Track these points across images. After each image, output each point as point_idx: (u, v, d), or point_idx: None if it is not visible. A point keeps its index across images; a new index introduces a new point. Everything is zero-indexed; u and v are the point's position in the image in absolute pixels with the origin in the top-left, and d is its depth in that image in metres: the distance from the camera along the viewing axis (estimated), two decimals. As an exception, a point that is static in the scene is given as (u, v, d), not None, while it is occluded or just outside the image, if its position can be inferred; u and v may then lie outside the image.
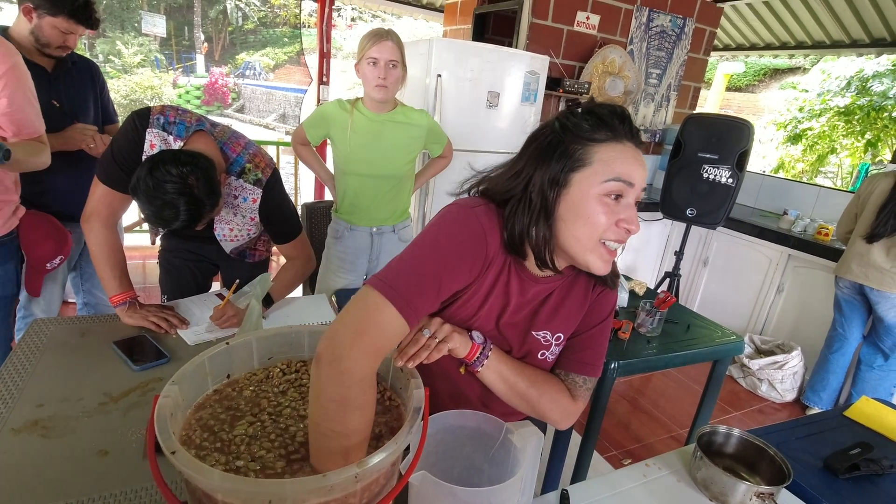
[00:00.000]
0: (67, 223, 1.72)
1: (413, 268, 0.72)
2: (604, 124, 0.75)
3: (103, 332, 1.29)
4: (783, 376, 2.83)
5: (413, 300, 0.69)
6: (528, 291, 0.86)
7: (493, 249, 0.80)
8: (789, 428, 1.23)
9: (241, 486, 0.48)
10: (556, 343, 0.91)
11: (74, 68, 1.78)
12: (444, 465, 0.76)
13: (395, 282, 0.69)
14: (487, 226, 0.78)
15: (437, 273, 0.73)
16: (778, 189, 3.75)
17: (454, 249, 0.75)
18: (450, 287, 0.76)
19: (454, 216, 0.78)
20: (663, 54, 3.80)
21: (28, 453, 0.87)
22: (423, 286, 0.71)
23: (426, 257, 0.74)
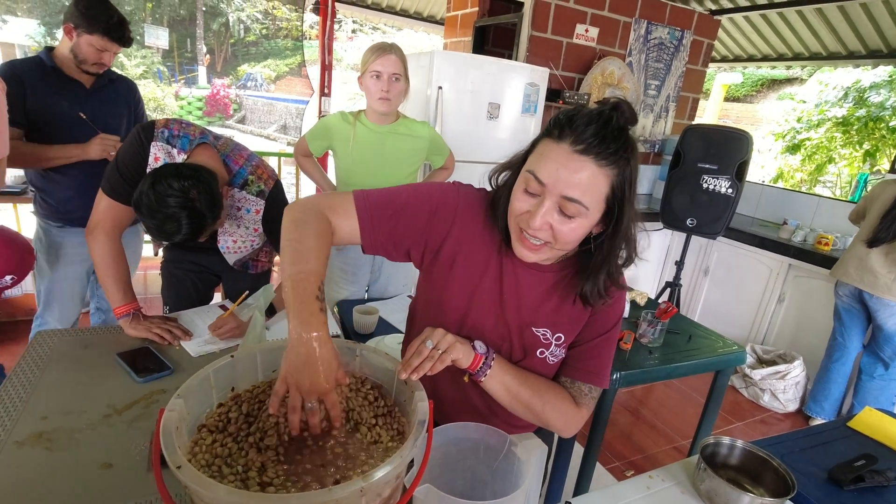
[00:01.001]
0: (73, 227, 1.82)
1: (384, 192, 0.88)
2: (557, 123, 0.75)
3: (107, 343, 1.29)
4: (785, 386, 2.82)
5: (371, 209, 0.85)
6: (523, 277, 0.89)
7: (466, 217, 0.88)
8: (793, 439, 1.22)
9: (248, 500, 0.48)
10: (557, 343, 0.91)
11: (111, 86, 1.86)
12: (447, 478, 0.76)
13: (367, 193, 0.86)
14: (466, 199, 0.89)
15: (400, 202, 0.86)
16: (777, 199, 3.76)
17: (423, 196, 0.88)
18: (405, 223, 0.86)
19: (440, 182, 0.92)
20: (662, 66, 3.84)
21: (32, 466, 0.87)
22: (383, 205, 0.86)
23: (399, 191, 0.88)
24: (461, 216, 0.88)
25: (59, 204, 1.82)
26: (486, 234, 0.88)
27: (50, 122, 1.72)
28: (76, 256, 1.87)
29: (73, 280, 1.90)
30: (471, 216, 0.88)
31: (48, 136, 1.72)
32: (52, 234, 1.86)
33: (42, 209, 1.85)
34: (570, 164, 0.72)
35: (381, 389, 0.76)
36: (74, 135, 1.73)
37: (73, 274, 1.90)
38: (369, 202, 0.85)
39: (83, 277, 1.93)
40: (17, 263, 1.54)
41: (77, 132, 1.73)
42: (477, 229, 0.88)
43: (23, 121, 1.68)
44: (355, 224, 0.84)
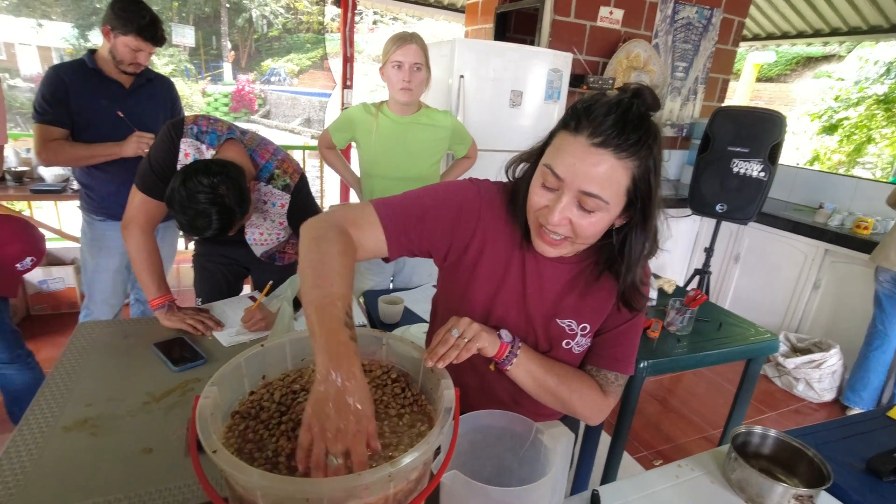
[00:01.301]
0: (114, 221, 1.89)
1: (405, 198, 0.85)
2: (574, 114, 0.72)
3: (144, 334, 1.34)
4: (821, 375, 2.74)
5: (394, 217, 0.81)
6: (545, 270, 0.88)
7: (488, 216, 0.86)
8: (829, 429, 1.19)
9: (280, 484, 0.50)
10: (583, 333, 0.90)
11: (149, 84, 1.93)
12: (474, 465, 0.77)
13: (388, 202, 0.83)
14: (487, 196, 0.87)
15: (423, 207, 0.84)
16: (813, 182, 3.62)
17: (444, 197, 0.86)
18: (430, 228, 0.84)
19: (459, 181, 0.89)
20: (690, 47, 3.72)
21: (79, 451, 0.91)
22: (407, 212, 0.83)
23: (419, 195, 0.86)
24: (484, 215, 0.86)
25: (101, 199, 1.92)
26: (508, 229, 0.87)
27: (92, 121, 1.81)
28: (117, 249, 1.96)
29: (113, 272, 1.99)
30: (493, 214, 0.87)
31: (91, 135, 1.82)
32: (96, 227, 1.96)
33: (86, 204, 1.95)
34: (587, 158, 0.70)
35: (407, 378, 0.77)
36: (115, 133, 1.82)
37: (114, 266, 1.99)
38: (392, 211, 0.82)
39: (123, 270, 2.02)
40: (34, 245, 1.63)
41: (117, 131, 1.82)
42: (500, 226, 0.87)
43: (67, 121, 1.78)
44: (379, 236, 0.81)
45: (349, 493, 0.51)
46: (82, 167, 1.88)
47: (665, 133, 3.91)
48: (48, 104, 1.75)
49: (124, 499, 0.82)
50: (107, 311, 2.03)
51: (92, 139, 1.83)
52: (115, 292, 2.03)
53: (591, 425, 1.19)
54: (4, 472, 0.85)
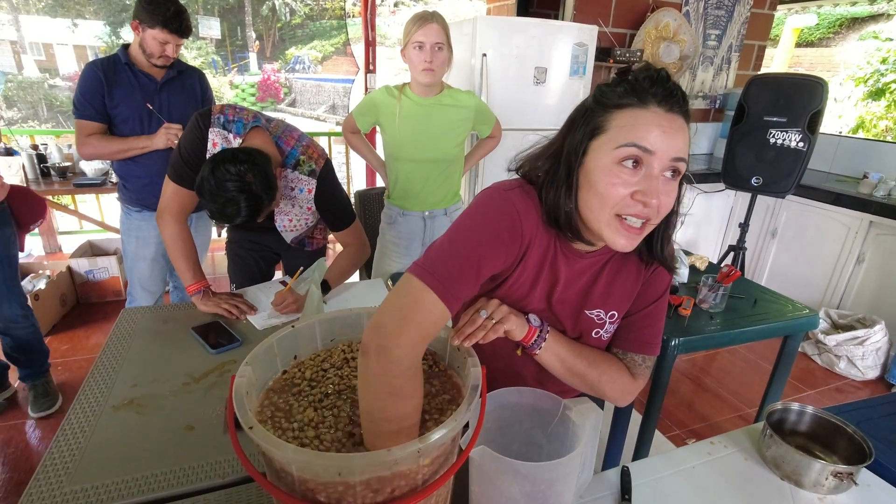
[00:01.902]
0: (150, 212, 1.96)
1: (451, 252, 0.73)
2: (633, 90, 0.70)
3: (182, 319, 1.40)
4: (864, 352, 2.64)
5: (453, 285, 0.70)
6: (574, 267, 0.85)
7: (529, 230, 0.79)
8: (871, 406, 1.15)
9: (313, 458, 0.52)
10: (611, 321, 0.90)
11: (180, 77, 1.97)
12: (502, 441, 0.78)
13: (435, 267, 0.70)
14: (522, 207, 0.77)
15: (474, 256, 0.73)
16: (857, 150, 3.44)
17: (490, 232, 0.75)
18: (489, 269, 0.76)
19: (488, 200, 0.78)
20: (723, 13, 3.56)
21: (127, 428, 0.97)
22: (462, 270, 0.71)
23: (464, 241, 0.74)
24: (526, 231, 0.79)
25: (136, 190, 1.98)
26: (542, 233, 0.82)
27: (127, 115, 1.87)
28: (152, 239, 2.03)
29: (150, 260, 2.06)
30: (531, 225, 0.79)
31: (127, 128, 1.89)
32: (132, 217, 2.02)
33: (123, 195, 2.02)
34: (670, 125, 0.69)
35: (434, 356, 0.79)
36: (149, 126, 1.90)
37: (150, 254, 2.05)
38: (445, 279, 0.70)
39: (160, 258, 2.08)
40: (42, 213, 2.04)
41: (151, 124, 1.90)
42: (537, 233, 0.81)
43: (104, 116, 1.85)
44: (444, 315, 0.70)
45: (380, 468, 0.53)
46: (119, 160, 1.94)
47: (696, 105, 3.78)
48: (86, 100, 1.82)
49: (170, 472, 0.86)
50: (147, 297, 2.11)
51: (128, 133, 1.89)
52: (154, 280, 2.10)
53: (619, 406, 1.18)
54: (62, 448, 0.91)
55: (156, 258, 2.08)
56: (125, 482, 0.84)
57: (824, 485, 0.89)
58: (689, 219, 3.40)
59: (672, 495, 0.88)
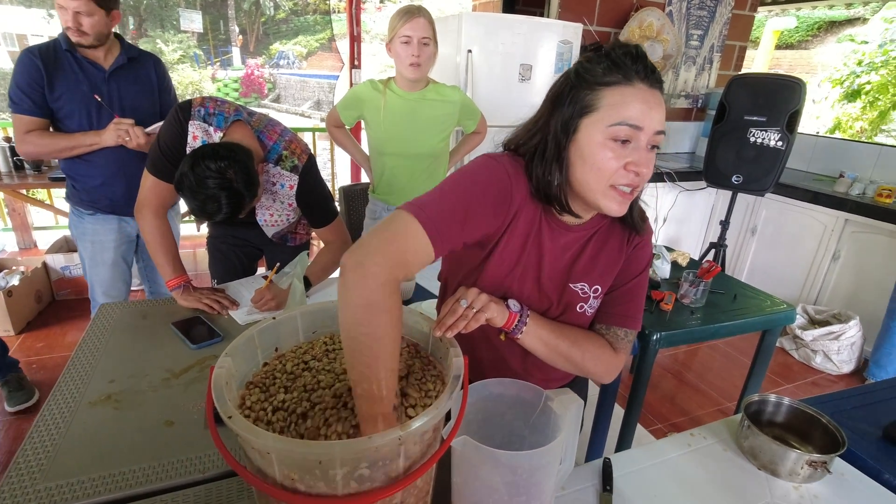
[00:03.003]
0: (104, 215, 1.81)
1: (441, 197, 0.76)
2: (616, 67, 0.74)
3: (162, 314, 1.37)
4: (839, 347, 2.70)
5: (438, 221, 0.73)
6: (560, 240, 0.88)
7: (519, 196, 0.82)
8: (845, 397, 1.18)
9: (293, 447, 0.51)
10: (595, 296, 0.92)
11: (132, 64, 1.75)
12: (485, 433, 0.78)
13: (423, 204, 0.74)
14: (513, 173, 0.82)
15: (463, 202, 0.77)
16: (833, 150, 3.52)
17: (481, 188, 0.79)
18: (476, 221, 0.78)
19: (481, 162, 0.83)
20: (705, 13, 3.61)
21: (103, 424, 0.95)
22: (449, 211, 0.75)
23: (454, 190, 0.78)
24: (515, 194, 0.82)
25: (88, 192, 1.78)
26: (530, 204, 0.85)
27: (71, 109, 1.66)
28: (109, 243, 1.85)
29: (111, 265, 1.88)
30: (521, 192, 0.83)
31: (73, 123, 1.68)
32: (85, 221, 1.83)
33: (73, 196, 1.82)
34: (652, 100, 0.75)
35: (417, 347, 0.78)
36: (98, 121, 1.69)
37: (110, 259, 1.87)
38: (436, 219, 0.73)
39: (120, 262, 1.90)
40: None
41: (101, 117, 1.69)
42: (525, 202, 0.84)
43: (44, 111, 1.64)
44: (426, 248, 0.72)
45: (360, 455, 0.52)
46: (66, 159, 1.73)
47: (679, 104, 3.83)
48: (23, 92, 1.60)
49: (148, 468, 0.85)
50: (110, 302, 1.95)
51: (74, 128, 1.68)
52: (116, 284, 1.91)
53: (604, 383, 1.20)
54: (36, 445, 0.88)
55: (116, 262, 1.89)
56: (101, 478, 0.82)
57: (800, 474, 0.91)
58: (672, 216, 3.44)
59: (652, 486, 0.89)
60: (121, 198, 1.79)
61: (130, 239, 1.92)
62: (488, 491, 0.66)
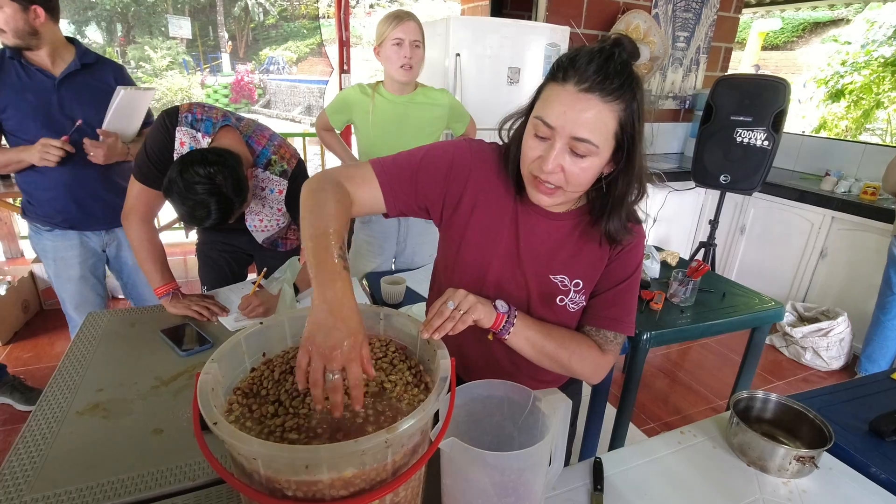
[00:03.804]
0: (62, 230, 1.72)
1: (400, 156, 0.90)
2: (561, 66, 0.76)
3: (151, 321, 1.36)
4: (829, 343, 2.73)
5: (391, 174, 0.87)
6: (537, 225, 0.91)
7: (479, 173, 0.90)
8: (832, 392, 1.19)
9: (278, 451, 0.51)
10: (576, 290, 0.92)
11: (86, 71, 1.63)
12: (474, 434, 0.78)
13: (383, 160, 0.88)
14: (479, 154, 0.91)
15: (416, 160, 0.89)
16: (819, 149, 3.57)
17: (437, 154, 0.90)
18: (425, 182, 0.89)
19: (452, 141, 0.93)
20: (691, 15, 3.65)
21: (91, 433, 0.94)
22: (401, 163, 0.88)
23: (414, 153, 0.90)
24: (476, 170, 0.90)
25: (41, 205, 1.68)
26: (501, 186, 0.90)
27: (19, 120, 1.56)
28: (72, 259, 1.76)
29: (77, 280, 1.79)
30: (485, 170, 0.90)
31: (27, 135, 1.57)
32: (43, 237, 1.74)
33: (28, 210, 1.72)
34: (576, 105, 0.73)
35: (405, 350, 0.78)
36: (51, 131, 1.57)
37: (77, 274, 1.78)
38: (388, 167, 0.87)
39: (88, 277, 1.82)
40: None
41: (53, 128, 1.58)
42: (492, 182, 0.90)
43: None
44: (376, 191, 0.86)
45: (347, 459, 0.52)
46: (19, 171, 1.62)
47: (666, 105, 3.86)
48: None
49: (137, 477, 0.84)
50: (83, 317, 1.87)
51: (31, 139, 1.56)
52: (87, 299, 1.82)
53: (591, 384, 1.21)
54: (21, 455, 0.87)
55: (84, 276, 1.79)
56: (89, 488, 0.82)
57: (788, 469, 0.92)
58: (661, 216, 3.47)
59: (643, 484, 0.90)
60: (76, 213, 1.71)
61: (96, 253, 1.84)
62: (477, 492, 0.67)
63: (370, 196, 0.86)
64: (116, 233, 1.83)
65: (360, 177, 0.86)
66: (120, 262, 1.90)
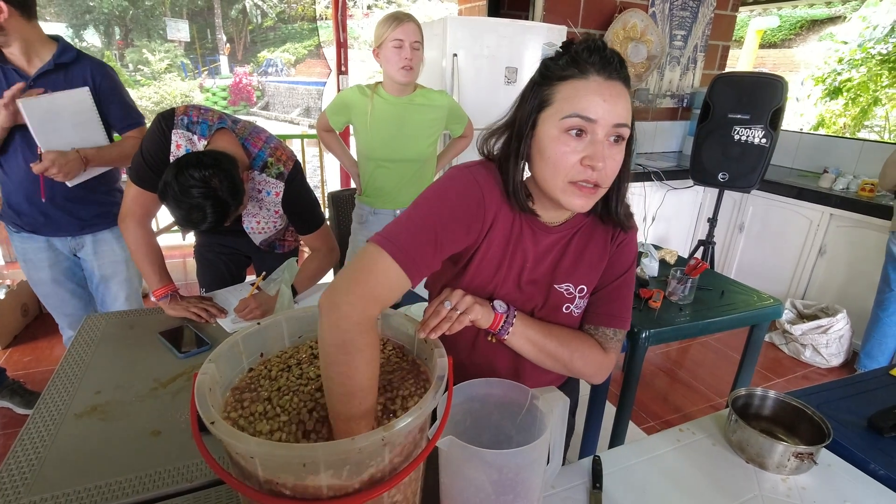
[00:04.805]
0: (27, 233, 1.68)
1: (410, 222, 0.76)
2: (573, 62, 0.74)
3: (149, 323, 1.36)
4: (828, 340, 2.73)
5: (410, 250, 0.73)
6: (541, 243, 0.88)
7: (493, 204, 0.82)
8: (830, 389, 1.19)
9: (275, 450, 0.51)
10: (580, 296, 0.91)
11: (62, 70, 1.55)
12: (473, 433, 0.78)
13: (392, 235, 0.74)
14: (485, 184, 0.81)
15: (433, 226, 0.76)
16: (817, 146, 3.57)
17: (450, 205, 0.79)
18: (449, 241, 0.79)
19: (451, 177, 0.83)
20: (688, 14, 3.65)
21: (90, 435, 0.94)
22: (420, 238, 0.75)
23: (423, 213, 0.78)
24: (489, 206, 0.82)
25: (8, 207, 1.65)
26: (506, 209, 0.85)
27: None
28: (41, 262, 1.72)
29: (49, 283, 1.76)
30: (493, 198, 0.83)
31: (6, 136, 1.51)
32: (14, 239, 1.71)
33: (3, 213, 1.69)
34: (612, 91, 0.73)
35: (402, 349, 0.78)
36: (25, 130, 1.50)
37: (46, 277, 1.75)
38: (406, 248, 0.73)
39: (63, 281, 1.78)
40: None
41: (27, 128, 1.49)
42: (500, 207, 0.84)
43: None
44: (402, 283, 0.73)
45: (344, 457, 0.52)
46: None
47: (665, 104, 3.86)
48: None
49: (135, 479, 0.84)
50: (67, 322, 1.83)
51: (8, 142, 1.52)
52: (65, 303, 1.80)
53: (595, 384, 1.20)
54: (19, 458, 0.87)
55: (57, 279, 1.76)
56: (87, 490, 0.82)
57: (787, 466, 0.92)
58: (660, 215, 3.47)
59: (642, 482, 0.90)
60: (39, 219, 1.65)
61: (68, 258, 1.78)
62: (475, 490, 0.67)
63: (398, 293, 0.74)
64: (85, 239, 1.75)
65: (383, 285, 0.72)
66: (91, 270, 1.81)
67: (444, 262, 0.88)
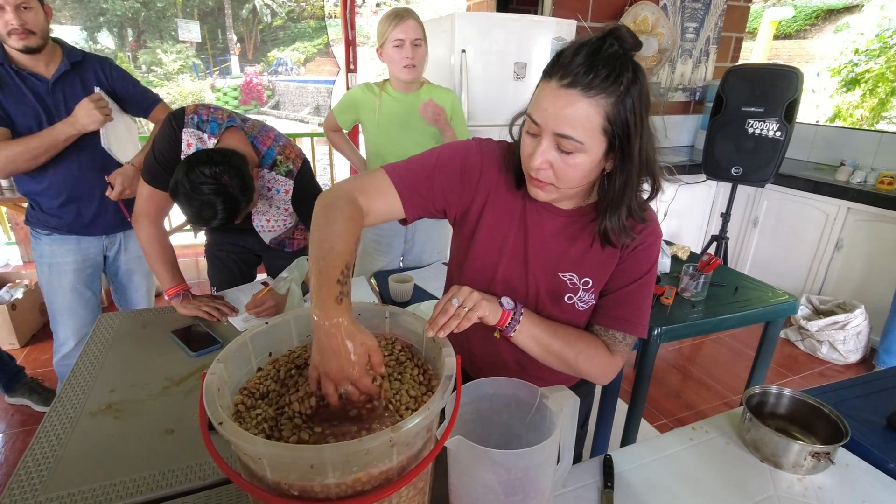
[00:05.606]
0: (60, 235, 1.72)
1: (413, 159, 0.89)
2: (550, 63, 0.75)
3: (162, 322, 1.38)
4: (845, 337, 2.68)
5: (405, 174, 0.86)
6: (545, 222, 0.90)
7: (490, 172, 0.90)
8: (848, 386, 1.17)
9: (283, 451, 0.51)
10: (585, 288, 0.90)
11: (76, 70, 1.60)
12: (482, 433, 0.78)
13: (396, 165, 0.87)
14: (487, 153, 0.90)
15: (431, 166, 0.88)
16: (833, 139, 3.50)
17: (448, 156, 0.89)
18: (440, 185, 0.88)
19: (460, 142, 0.92)
20: (700, 5, 3.59)
21: (104, 433, 0.96)
22: (415, 167, 0.87)
23: (426, 155, 0.90)
24: (486, 170, 0.90)
25: (45, 212, 1.68)
26: (510, 183, 0.90)
27: (26, 124, 1.53)
28: (67, 265, 1.74)
29: (68, 291, 1.76)
30: (494, 169, 0.90)
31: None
32: (42, 242, 1.72)
33: (31, 218, 1.71)
34: (557, 101, 0.72)
35: (411, 349, 0.78)
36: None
37: (68, 284, 1.75)
38: (403, 173, 0.86)
39: (81, 290, 1.79)
40: None
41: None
42: (501, 180, 0.90)
43: (4, 121, 1.50)
44: (392, 199, 0.84)
45: (351, 458, 0.52)
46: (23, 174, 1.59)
47: (676, 97, 3.81)
48: None
49: (149, 477, 0.85)
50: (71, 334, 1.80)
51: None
52: (77, 314, 1.79)
53: (600, 385, 1.19)
54: (37, 455, 0.89)
55: (75, 288, 1.76)
56: (102, 487, 0.83)
57: (803, 465, 0.90)
58: (672, 210, 3.43)
59: (654, 481, 0.89)
60: (75, 217, 1.70)
61: (94, 262, 1.81)
62: (484, 490, 0.66)
63: (387, 205, 0.85)
64: (117, 237, 1.81)
65: (374, 187, 0.84)
66: (116, 265, 1.87)
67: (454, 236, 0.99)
